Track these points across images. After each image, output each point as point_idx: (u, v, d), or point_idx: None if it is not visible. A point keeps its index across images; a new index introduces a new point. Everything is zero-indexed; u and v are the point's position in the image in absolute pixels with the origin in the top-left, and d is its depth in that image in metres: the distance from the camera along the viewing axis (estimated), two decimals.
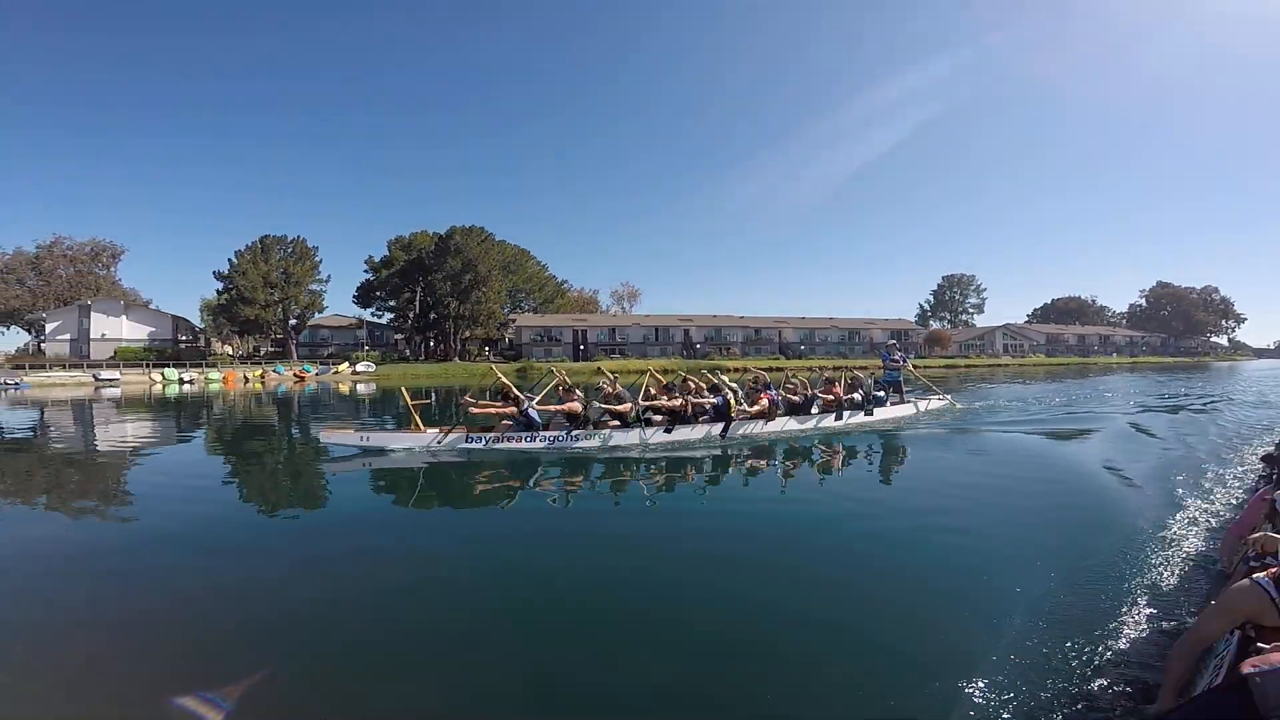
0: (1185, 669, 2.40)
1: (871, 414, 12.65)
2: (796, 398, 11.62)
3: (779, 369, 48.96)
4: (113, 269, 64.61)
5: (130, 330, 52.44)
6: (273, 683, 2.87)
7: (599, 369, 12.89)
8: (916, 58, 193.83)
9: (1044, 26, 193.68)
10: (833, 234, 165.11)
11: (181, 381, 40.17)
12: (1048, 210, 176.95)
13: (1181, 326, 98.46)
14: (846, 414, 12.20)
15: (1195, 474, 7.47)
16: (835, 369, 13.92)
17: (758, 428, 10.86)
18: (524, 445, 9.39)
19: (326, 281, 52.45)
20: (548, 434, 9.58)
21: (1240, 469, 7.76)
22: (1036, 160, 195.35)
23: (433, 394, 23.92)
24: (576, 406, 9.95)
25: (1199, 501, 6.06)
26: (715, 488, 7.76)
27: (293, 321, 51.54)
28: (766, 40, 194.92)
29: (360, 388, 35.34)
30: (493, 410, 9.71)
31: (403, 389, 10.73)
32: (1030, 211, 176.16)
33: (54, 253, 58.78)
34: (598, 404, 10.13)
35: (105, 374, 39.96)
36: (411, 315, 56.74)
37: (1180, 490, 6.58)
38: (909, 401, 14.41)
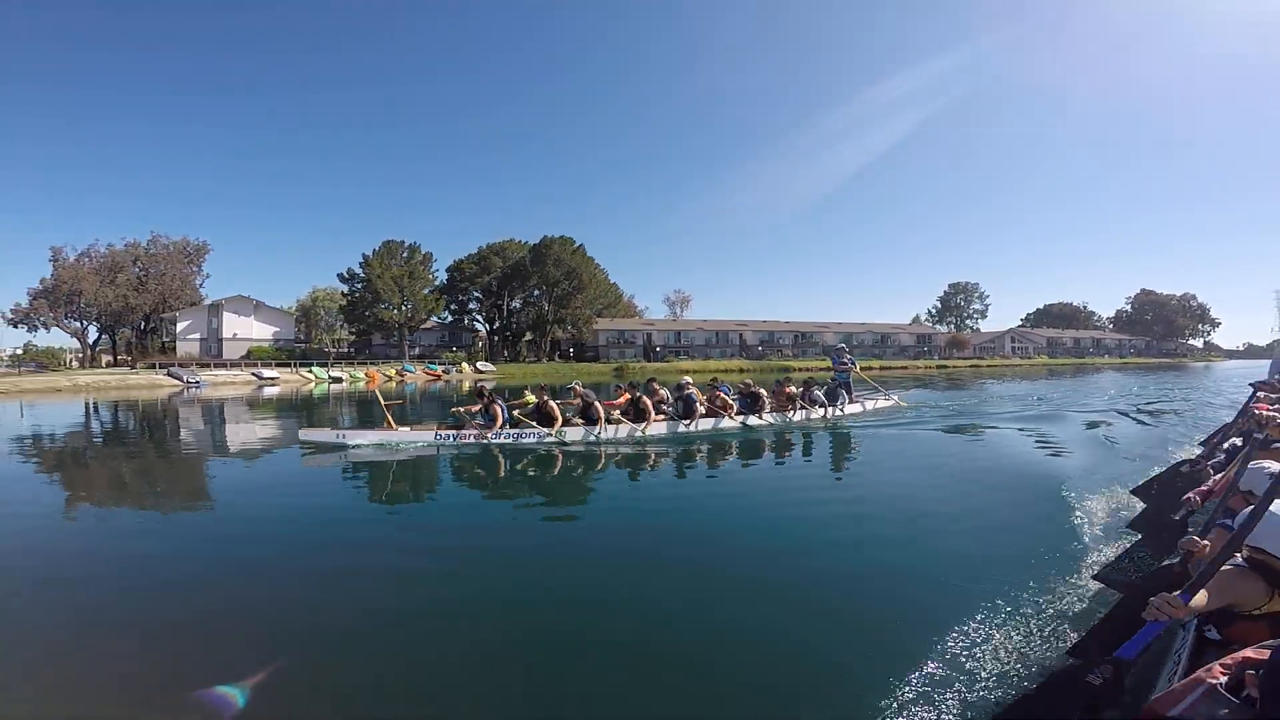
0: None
1: (820, 413, 13.71)
2: (750, 398, 12.73)
3: (829, 369, 55.61)
4: (199, 267, 67.40)
5: (259, 330, 55.67)
6: (265, 686, 2.93)
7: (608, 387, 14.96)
8: (915, 60, 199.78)
9: (1033, 30, 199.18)
10: (825, 239, 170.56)
11: (332, 380, 43.69)
12: (1040, 213, 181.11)
13: (1162, 330, 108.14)
14: (799, 412, 13.30)
15: (1146, 463, 7.80)
16: (789, 379, 14.97)
17: (712, 424, 11.86)
18: (489, 440, 10.18)
19: (440, 286, 57.31)
20: (512, 430, 10.35)
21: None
22: (1030, 164, 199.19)
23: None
24: (553, 407, 10.78)
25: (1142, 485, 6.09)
26: (673, 476, 8.38)
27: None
28: (744, 40, 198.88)
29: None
30: (464, 410, 11.03)
31: (378, 392, 12.39)
32: (1023, 215, 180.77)
33: (150, 252, 56.70)
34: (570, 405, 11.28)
35: (266, 373, 44.08)
36: (498, 318, 62.31)
37: (1124, 475, 6.83)
38: (857, 401, 15.52)
